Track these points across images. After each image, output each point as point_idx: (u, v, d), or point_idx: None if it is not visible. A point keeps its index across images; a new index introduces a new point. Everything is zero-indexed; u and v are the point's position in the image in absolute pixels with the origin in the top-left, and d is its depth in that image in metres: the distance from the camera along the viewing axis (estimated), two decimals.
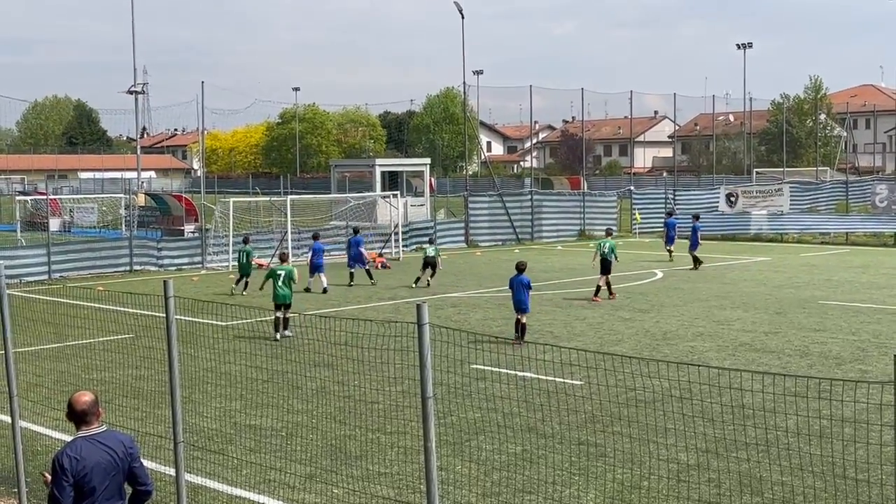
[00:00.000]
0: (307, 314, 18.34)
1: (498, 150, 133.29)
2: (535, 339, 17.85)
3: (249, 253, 26.74)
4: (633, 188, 52.53)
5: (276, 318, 19.12)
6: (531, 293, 18.57)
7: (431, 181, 54.52)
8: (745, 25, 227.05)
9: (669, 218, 35.25)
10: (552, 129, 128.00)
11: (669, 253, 33.78)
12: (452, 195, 68.38)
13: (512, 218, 43.70)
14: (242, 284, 26.30)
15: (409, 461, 10.82)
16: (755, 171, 71.15)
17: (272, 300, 19.49)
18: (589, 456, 10.96)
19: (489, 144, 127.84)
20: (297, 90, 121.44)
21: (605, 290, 24.01)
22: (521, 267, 18.68)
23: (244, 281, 26.30)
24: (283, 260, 20.98)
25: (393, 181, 44.84)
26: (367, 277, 28.30)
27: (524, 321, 18.21)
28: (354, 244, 28.90)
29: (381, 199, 40.12)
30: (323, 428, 12.22)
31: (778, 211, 43.77)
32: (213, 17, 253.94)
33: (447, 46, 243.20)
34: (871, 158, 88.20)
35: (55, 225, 46.27)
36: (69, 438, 6.44)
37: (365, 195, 41.20)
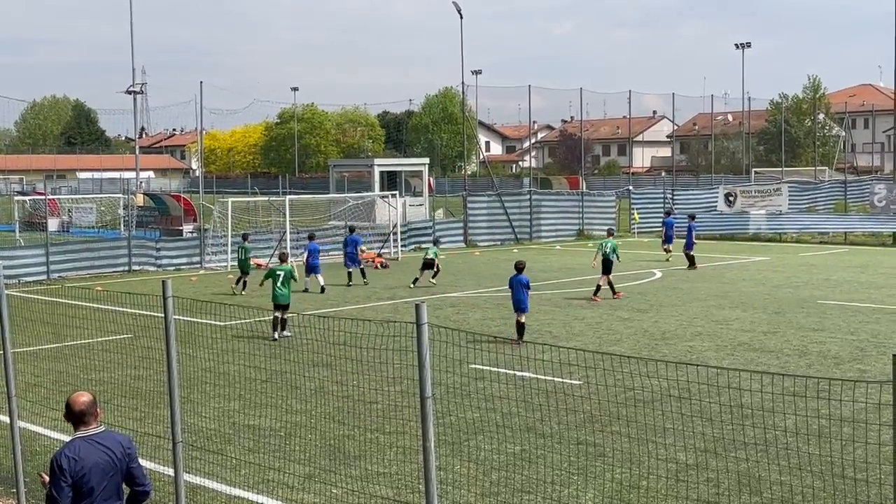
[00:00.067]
0: (306, 314, 18.33)
1: (497, 149, 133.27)
2: (533, 338, 17.85)
3: (248, 250, 26.95)
4: (631, 188, 52.52)
5: (274, 317, 19.14)
6: (530, 293, 18.59)
7: (430, 181, 54.54)
8: (744, 25, 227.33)
9: (668, 217, 35.31)
10: (551, 128, 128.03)
11: (666, 252, 33.84)
12: (451, 195, 68.41)
13: (511, 218, 43.69)
14: (241, 284, 26.44)
15: (407, 461, 10.81)
16: (754, 170, 71.13)
17: (271, 300, 19.51)
18: (588, 455, 10.96)
19: (488, 144, 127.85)
20: (295, 90, 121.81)
21: (606, 289, 24.02)
22: (519, 266, 18.70)
23: (243, 280, 26.46)
24: (282, 260, 20.99)
25: (391, 181, 44.84)
26: (360, 276, 28.30)
27: (523, 320, 18.21)
28: (351, 243, 28.89)
29: (379, 199, 40.12)
30: (322, 428, 12.21)
31: (776, 211, 43.78)
32: (212, 17, 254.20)
33: (447, 46, 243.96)
34: (869, 158, 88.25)
35: (54, 225, 46.25)
36: (68, 439, 6.43)
37: (363, 195, 41.21)
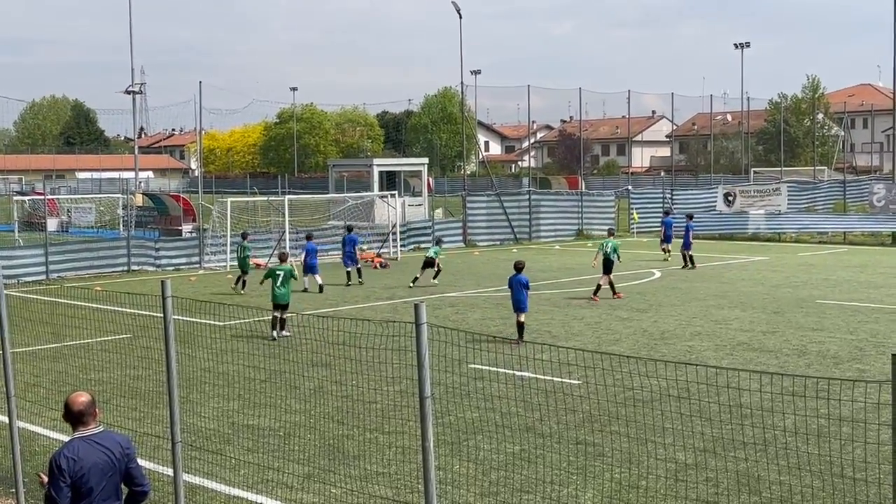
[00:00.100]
0: (305, 314, 18.33)
1: (496, 149, 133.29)
2: (532, 338, 17.85)
3: (247, 249, 27.01)
4: (630, 188, 52.59)
5: (273, 317, 19.15)
6: (529, 293, 18.59)
7: (429, 181, 54.52)
8: (743, 25, 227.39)
9: (666, 217, 35.33)
10: (550, 128, 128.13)
11: (664, 252, 33.87)
12: (450, 195, 68.41)
13: (510, 217, 43.68)
14: (241, 283, 26.48)
15: (407, 461, 10.81)
16: (753, 170, 71.16)
17: (270, 300, 19.53)
18: (587, 455, 10.96)
19: (487, 144, 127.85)
20: (294, 90, 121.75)
21: (606, 289, 24.01)
22: (519, 266, 18.70)
23: (242, 280, 26.51)
24: (282, 259, 21.00)
25: (391, 181, 44.83)
26: (356, 276, 28.27)
27: (522, 320, 18.21)
28: (349, 242, 28.88)
29: (378, 198, 40.12)
30: (321, 428, 12.21)
31: (776, 210, 43.78)
32: (212, 17, 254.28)
33: (447, 46, 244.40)
34: (868, 158, 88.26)
35: (53, 225, 46.24)
36: (67, 439, 6.43)
37: (363, 195, 41.21)
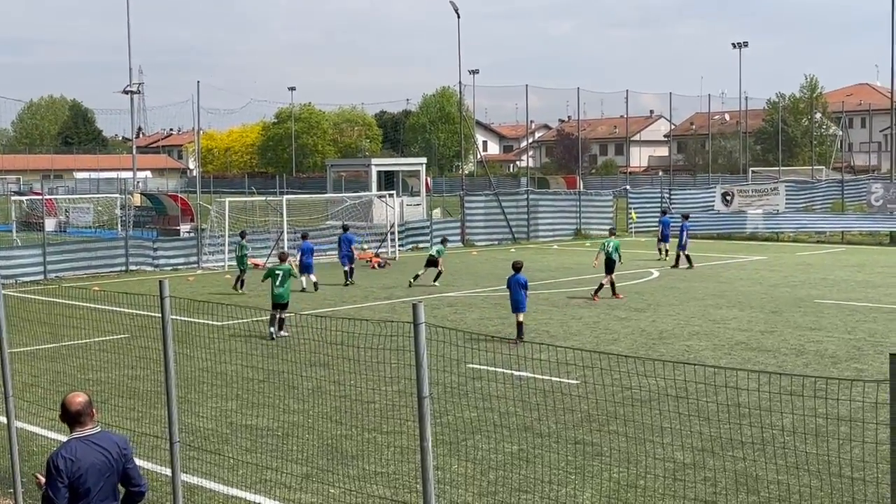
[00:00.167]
0: (303, 314, 18.32)
1: (494, 149, 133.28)
2: (531, 338, 17.86)
3: (244, 248, 27.10)
4: (629, 187, 52.60)
5: (272, 315, 19.16)
6: (528, 293, 18.59)
7: (427, 181, 54.54)
8: (741, 25, 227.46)
9: (664, 217, 35.36)
10: (548, 128, 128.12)
11: (659, 251, 33.91)
12: (448, 194, 68.38)
13: (508, 217, 43.68)
14: (240, 283, 26.52)
15: (405, 461, 10.81)
16: (751, 170, 71.19)
17: (270, 299, 19.55)
18: (585, 455, 10.96)
19: (485, 144, 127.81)
20: (292, 90, 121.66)
21: (606, 289, 24.01)
22: (517, 266, 18.70)
23: (241, 280, 26.53)
24: (282, 259, 21.01)
25: (389, 181, 44.87)
26: (349, 276, 28.20)
27: (521, 319, 18.23)
28: (346, 241, 28.87)
29: (377, 198, 40.12)
30: (319, 428, 12.21)
31: (774, 210, 43.80)
32: (211, 17, 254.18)
33: (445, 46, 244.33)
34: (866, 157, 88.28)
35: (51, 225, 46.27)
36: (65, 439, 6.42)
37: (361, 195, 41.21)
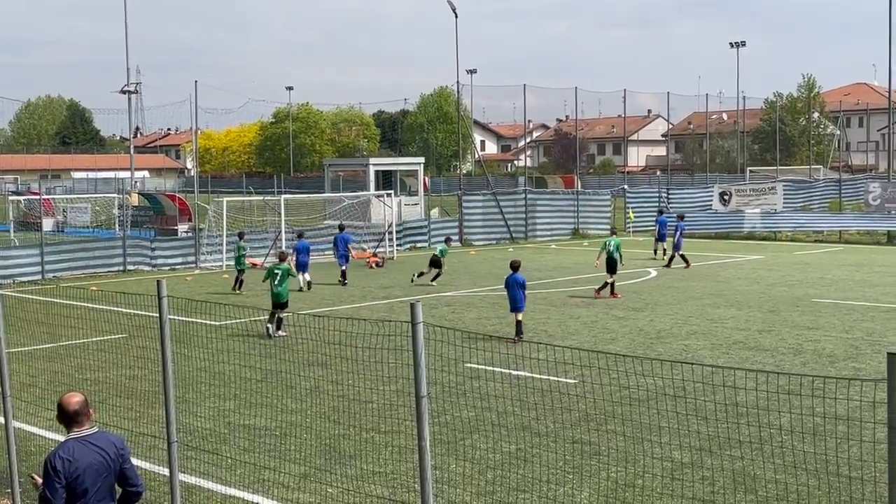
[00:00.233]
0: (301, 314, 18.32)
1: (492, 149, 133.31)
2: (529, 337, 17.87)
3: (242, 248, 27.17)
4: (626, 187, 52.60)
5: (271, 313, 19.18)
6: (526, 292, 18.60)
7: (425, 180, 54.53)
8: (739, 25, 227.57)
9: (660, 216, 35.38)
10: (546, 127, 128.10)
11: (656, 251, 33.96)
12: (446, 194, 68.34)
13: (506, 217, 43.68)
14: (238, 283, 26.59)
15: (403, 460, 10.81)
16: (749, 169, 71.21)
17: (270, 299, 19.57)
18: (583, 454, 10.96)
19: (483, 143, 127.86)
20: (290, 89, 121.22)
21: (606, 289, 24.01)
22: (515, 266, 18.70)
23: (240, 280, 26.59)
24: (281, 259, 21.01)
25: (387, 180, 44.84)
26: (344, 275, 28.15)
27: (520, 319, 18.23)
28: (342, 241, 28.86)
29: (374, 198, 40.11)
30: (317, 427, 12.21)
31: (771, 209, 43.83)
32: (209, 17, 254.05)
33: (443, 46, 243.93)
34: (864, 157, 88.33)
35: (48, 225, 46.20)
36: (62, 439, 6.41)
37: (359, 194, 41.21)
